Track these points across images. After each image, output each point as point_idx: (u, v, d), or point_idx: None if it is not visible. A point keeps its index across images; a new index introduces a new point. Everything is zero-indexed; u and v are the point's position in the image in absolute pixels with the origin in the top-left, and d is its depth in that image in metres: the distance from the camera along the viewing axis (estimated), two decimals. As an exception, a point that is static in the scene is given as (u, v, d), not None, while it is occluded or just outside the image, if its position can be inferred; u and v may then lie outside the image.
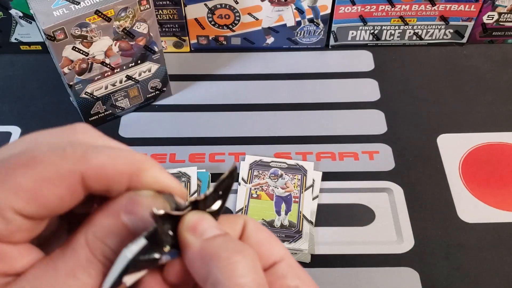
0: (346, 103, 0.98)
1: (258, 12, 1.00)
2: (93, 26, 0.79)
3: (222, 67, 1.04)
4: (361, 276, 0.76)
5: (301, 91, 1.00)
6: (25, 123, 0.95)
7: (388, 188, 0.86)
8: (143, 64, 0.90)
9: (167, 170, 0.89)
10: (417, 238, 0.80)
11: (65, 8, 0.77)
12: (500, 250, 0.79)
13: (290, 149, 0.91)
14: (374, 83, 1.01)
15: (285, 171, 0.87)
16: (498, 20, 1.03)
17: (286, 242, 0.78)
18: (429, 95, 0.99)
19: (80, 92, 0.87)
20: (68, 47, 0.79)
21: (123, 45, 0.85)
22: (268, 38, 1.05)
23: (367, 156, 0.90)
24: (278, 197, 0.84)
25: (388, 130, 0.93)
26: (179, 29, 1.03)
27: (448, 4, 0.99)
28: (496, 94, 0.99)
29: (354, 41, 1.06)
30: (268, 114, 0.96)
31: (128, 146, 0.34)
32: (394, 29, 1.04)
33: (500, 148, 0.91)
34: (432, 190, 0.85)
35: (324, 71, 1.03)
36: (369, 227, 0.81)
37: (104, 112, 0.93)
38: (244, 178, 0.86)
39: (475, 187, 0.86)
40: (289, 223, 0.81)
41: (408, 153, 0.90)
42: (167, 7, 0.98)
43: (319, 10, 1.00)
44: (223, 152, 0.91)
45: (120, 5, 0.79)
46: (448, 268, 0.77)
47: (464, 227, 0.81)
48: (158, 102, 0.99)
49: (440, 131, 0.93)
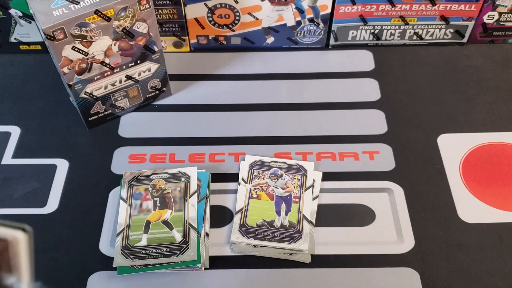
0: (346, 103, 0.98)
1: (258, 12, 1.00)
2: (92, 26, 0.79)
3: (222, 67, 1.04)
4: (361, 277, 0.76)
5: (301, 91, 1.00)
6: (25, 123, 0.95)
7: (389, 188, 0.86)
8: (142, 64, 0.90)
9: (167, 170, 0.89)
10: (417, 238, 0.80)
11: (65, 8, 0.77)
12: (501, 250, 0.78)
13: (290, 149, 0.91)
14: (374, 83, 1.01)
15: (285, 171, 0.87)
16: (499, 20, 1.03)
17: (286, 242, 0.78)
18: (429, 95, 0.99)
19: (79, 92, 0.87)
20: (67, 47, 0.79)
21: (122, 45, 0.84)
22: (268, 38, 1.05)
23: (367, 156, 0.90)
24: (278, 197, 0.84)
25: (388, 130, 0.93)
26: (179, 28, 1.03)
27: (449, 4, 0.99)
28: (497, 94, 0.99)
29: (354, 41, 1.06)
30: (268, 114, 0.96)
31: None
32: (394, 29, 1.04)
33: (501, 148, 0.90)
34: (432, 190, 0.85)
35: (324, 71, 1.03)
36: (369, 227, 0.81)
37: (104, 112, 0.93)
38: (244, 178, 0.86)
39: (476, 187, 0.85)
40: (289, 223, 0.81)
41: (409, 153, 0.90)
42: (167, 6, 0.98)
43: (319, 10, 1.00)
44: (223, 152, 0.91)
45: (120, 5, 0.79)
46: (449, 268, 0.77)
47: (464, 227, 0.81)
48: (158, 102, 0.99)
49: (441, 131, 0.93)
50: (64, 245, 0.80)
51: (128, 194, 0.83)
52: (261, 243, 0.78)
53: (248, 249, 0.79)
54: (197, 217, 0.80)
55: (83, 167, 0.89)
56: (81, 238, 0.81)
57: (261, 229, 0.80)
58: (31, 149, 0.92)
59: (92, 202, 0.85)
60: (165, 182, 0.84)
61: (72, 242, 0.80)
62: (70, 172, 0.89)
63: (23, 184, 0.87)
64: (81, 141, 0.93)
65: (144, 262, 0.76)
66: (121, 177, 0.86)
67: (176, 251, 0.76)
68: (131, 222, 0.80)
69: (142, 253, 0.77)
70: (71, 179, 0.88)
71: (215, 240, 0.80)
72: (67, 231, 0.82)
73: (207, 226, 0.81)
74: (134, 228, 0.79)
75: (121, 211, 0.82)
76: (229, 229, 0.81)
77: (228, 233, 0.81)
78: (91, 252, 0.79)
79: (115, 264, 0.76)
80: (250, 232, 0.79)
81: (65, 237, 0.81)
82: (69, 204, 0.85)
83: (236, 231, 0.80)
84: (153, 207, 0.82)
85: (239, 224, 0.80)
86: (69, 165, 0.90)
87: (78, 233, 0.81)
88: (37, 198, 0.85)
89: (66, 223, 0.82)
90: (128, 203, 0.82)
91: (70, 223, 0.83)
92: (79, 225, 0.82)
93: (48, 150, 0.92)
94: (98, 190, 0.86)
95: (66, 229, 0.82)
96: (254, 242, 0.78)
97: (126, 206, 0.82)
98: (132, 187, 0.84)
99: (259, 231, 0.80)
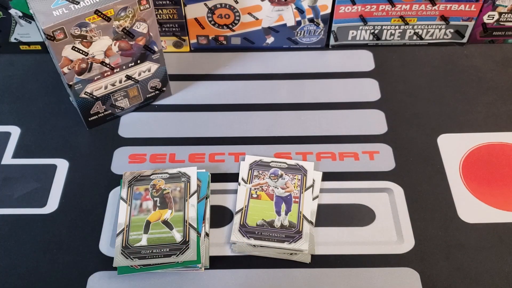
0: (346, 103, 0.98)
1: (258, 12, 1.00)
2: (92, 26, 0.79)
3: (222, 67, 1.04)
4: (361, 277, 0.76)
5: (301, 91, 1.00)
6: (24, 123, 0.95)
7: (389, 188, 0.86)
8: (142, 64, 0.90)
9: (167, 170, 0.89)
10: (417, 238, 0.80)
11: (65, 8, 0.77)
12: (501, 250, 0.78)
13: (290, 149, 0.91)
14: (374, 83, 1.01)
15: (285, 171, 0.87)
16: (499, 20, 1.03)
17: (286, 242, 0.78)
18: (429, 95, 0.99)
19: (79, 92, 0.87)
20: (67, 47, 0.79)
21: (122, 45, 0.84)
22: (268, 38, 1.05)
23: (367, 156, 0.90)
24: (278, 197, 0.84)
25: (388, 130, 0.93)
26: (179, 28, 1.03)
27: (449, 4, 0.99)
28: (496, 94, 0.99)
29: (354, 41, 1.06)
30: (268, 114, 0.96)
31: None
32: (394, 29, 1.04)
33: (501, 148, 0.91)
34: (432, 190, 0.85)
35: (324, 71, 1.03)
36: (369, 227, 0.81)
37: (104, 112, 0.93)
38: (244, 178, 0.86)
39: (476, 187, 0.85)
40: (289, 223, 0.81)
41: (409, 153, 0.90)
42: (167, 6, 0.98)
43: (319, 10, 1.00)
44: (223, 152, 0.91)
45: (120, 5, 0.79)
46: (449, 268, 0.77)
47: (464, 227, 0.81)
48: (158, 102, 0.99)
49: (440, 131, 0.93)
50: (64, 245, 0.80)
51: (128, 194, 0.83)
52: (261, 243, 0.78)
53: (248, 249, 0.79)
54: (197, 217, 0.80)
55: (83, 167, 0.89)
56: (81, 238, 0.81)
57: (261, 229, 0.80)
58: (31, 149, 0.92)
59: (92, 202, 0.85)
60: (165, 182, 0.84)
61: (72, 242, 0.80)
62: (70, 172, 0.89)
63: (23, 184, 0.87)
64: (81, 141, 0.93)
65: (144, 262, 0.76)
66: (121, 177, 0.86)
67: (176, 251, 0.76)
68: (131, 222, 0.80)
69: (142, 253, 0.77)
70: (71, 179, 0.88)
71: (215, 240, 0.80)
72: (67, 231, 0.82)
73: (207, 226, 0.81)
74: (134, 228, 0.79)
75: (121, 211, 0.82)
76: (229, 229, 0.81)
77: (228, 233, 0.81)
78: (91, 252, 0.79)
79: (115, 264, 0.76)
80: (250, 232, 0.79)
81: (65, 237, 0.81)
82: (69, 204, 0.85)
83: (236, 231, 0.80)
84: (153, 207, 0.82)
85: (239, 224, 0.80)
86: (69, 165, 0.90)
87: (78, 233, 0.81)
88: (37, 198, 0.85)
89: (66, 223, 0.82)
90: (128, 203, 0.82)
91: (70, 223, 0.83)
92: (79, 225, 0.82)
93: (48, 150, 0.92)
94: (98, 190, 0.86)
95: (66, 229, 0.82)
96: (254, 242, 0.78)
97: (126, 206, 0.82)
98: (132, 187, 0.84)
99: (259, 231, 0.80)
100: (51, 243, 0.80)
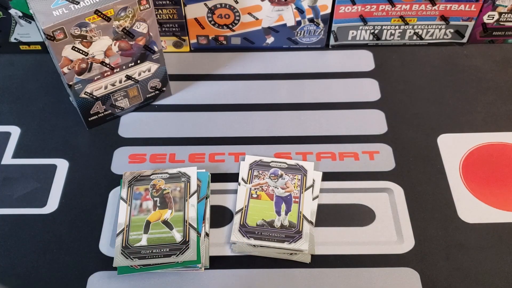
0: (346, 103, 0.98)
1: (258, 12, 1.00)
2: (92, 26, 0.79)
3: (222, 67, 1.04)
4: (361, 277, 0.76)
5: (301, 91, 1.00)
6: (24, 123, 0.95)
7: (388, 188, 0.86)
8: (142, 64, 0.90)
9: (167, 170, 0.89)
10: (417, 238, 0.80)
11: (65, 8, 0.77)
12: (501, 250, 0.78)
13: (290, 149, 0.91)
14: (374, 83, 1.01)
15: (285, 171, 0.87)
16: (499, 20, 1.03)
17: (286, 242, 0.78)
18: (429, 95, 0.99)
19: (79, 92, 0.87)
20: (67, 47, 0.79)
21: (122, 45, 0.84)
22: (268, 38, 1.05)
23: (367, 156, 0.90)
24: (278, 197, 0.84)
25: (388, 130, 0.93)
26: (179, 28, 1.03)
27: (449, 4, 0.99)
28: (496, 94, 0.99)
29: (354, 41, 1.06)
30: (268, 114, 0.96)
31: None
32: (394, 29, 1.04)
33: (500, 148, 0.91)
34: (432, 190, 0.85)
35: (324, 71, 1.03)
36: (369, 227, 0.81)
37: (104, 112, 0.93)
38: (244, 178, 0.86)
39: (475, 187, 0.85)
40: (289, 223, 0.81)
41: (409, 153, 0.90)
42: (167, 6, 0.98)
43: (319, 10, 1.00)
44: (223, 152, 0.91)
45: (120, 5, 0.79)
46: (449, 268, 0.77)
47: (464, 227, 0.81)
48: (158, 102, 0.99)
49: (440, 131, 0.93)
50: (64, 245, 0.80)
51: (128, 194, 0.83)
52: (261, 243, 0.78)
53: (248, 249, 0.79)
54: (197, 217, 0.80)
55: (83, 167, 0.89)
56: (81, 238, 0.81)
57: (261, 229, 0.80)
58: (31, 149, 0.92)
59: (92, 202, 0.85)
60: (165, 182, 0.84)
61: (72, 242, 0.80)
62: (70, 172, 0.89)
63: (23, 184, 0.87)
64: (81, 141, 0.93)
65: (144, 262, 0.76)
66: (121, 177, 0.86)
67: (176, 251, 0.76)
68: (131, 222, 0.80)
69: (142, 253, 0.77)
70: (71, 179, 0.88)
71: (215, 240, 0.80)
72: (67, 231, 0.82)
73: (207, 226, 0.81)
74: (134, 228, 0.79)
75: (121, 211, 0.82)
76: (229, 229, 0.81)
77: (228, 233, 0.81)
78: (91, 252, 0.79)
79: (115, 264, 0.76)
80: (250, 232, 0.79)
81: (65, 237, 0.81)
82: (69, 204, 0.85)
83: (236, 231, 0.80)
84: (153, 207, 0.82)
85: (239, 224, 0.80)
86: (69, 165, 0.90)
87: (78, 233, 0.81)
88: (37, 198, 0.85)
89: (66, 223, 0.82)
90: (128, 203, 0.82)
91: (70, 223, 0.83)
92: (79, 225, 0.82)
93: (48, 150, 0.92)
94: (98, 190, 0.86)
95: (66, 229, 0.82)
96: (254, 242, 0.78)
97: (126, 206, 0.82)
98: (132, 187, 0.84)
99: (259, 231, 0.80)
100: (51, 243, 0.80)
